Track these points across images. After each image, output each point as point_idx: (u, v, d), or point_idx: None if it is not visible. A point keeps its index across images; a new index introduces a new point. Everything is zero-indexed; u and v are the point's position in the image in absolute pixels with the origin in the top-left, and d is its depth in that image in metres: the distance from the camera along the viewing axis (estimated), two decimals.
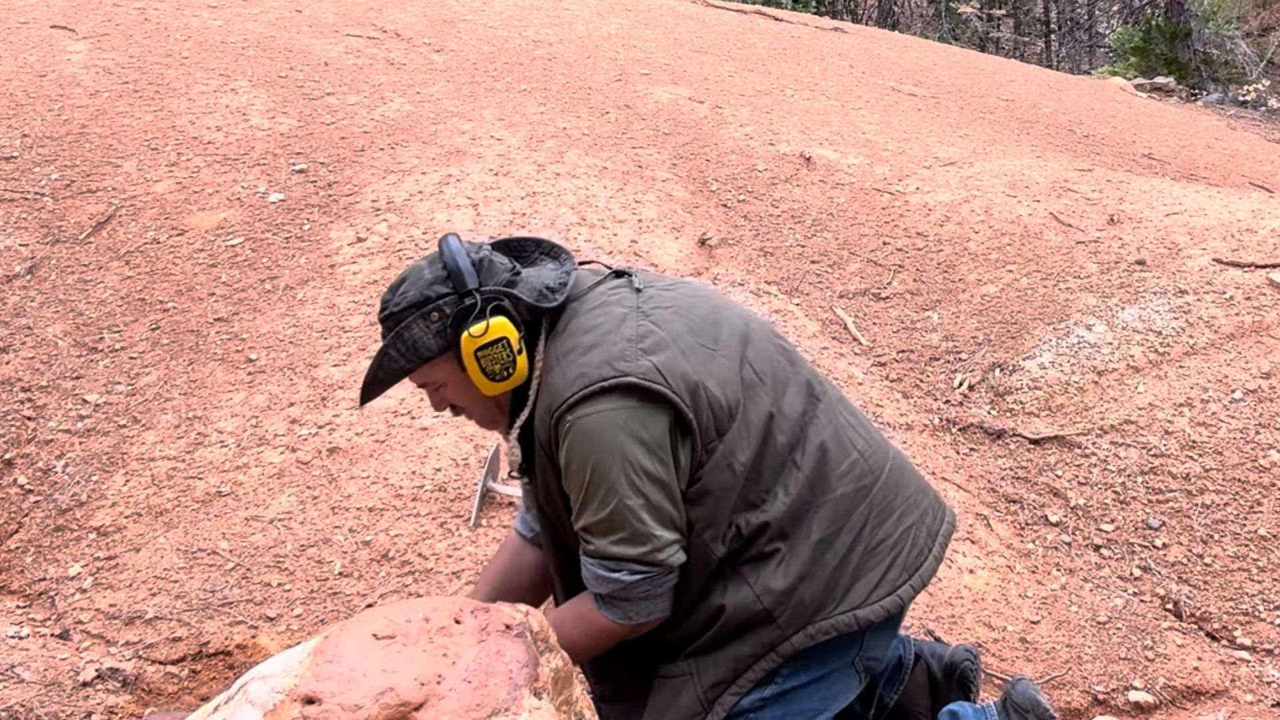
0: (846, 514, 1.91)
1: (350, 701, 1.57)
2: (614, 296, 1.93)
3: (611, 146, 4.79)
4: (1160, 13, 11.82)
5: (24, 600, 2.84)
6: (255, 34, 5.53)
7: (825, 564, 1.88)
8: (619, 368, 1.80)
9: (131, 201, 4.08)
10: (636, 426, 1.79)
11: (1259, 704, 2.79)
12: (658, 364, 1.82)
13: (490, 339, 1.84)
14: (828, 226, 4.45)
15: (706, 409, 1.83)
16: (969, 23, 14.93)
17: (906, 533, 1.96)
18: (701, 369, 1.85)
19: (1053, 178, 4.74)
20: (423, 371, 1.94)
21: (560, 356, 1.87)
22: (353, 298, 3.70)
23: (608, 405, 1.79)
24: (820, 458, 1.92)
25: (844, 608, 1.88)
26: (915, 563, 1.95)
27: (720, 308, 2.00)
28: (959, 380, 3.71)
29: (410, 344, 1.89)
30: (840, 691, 1.98)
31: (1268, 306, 3.69)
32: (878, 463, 1.98)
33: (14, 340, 3.47)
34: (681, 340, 1.87)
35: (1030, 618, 2.93)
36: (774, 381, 1.93)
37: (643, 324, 1.87)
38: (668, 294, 1.97)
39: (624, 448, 1.79)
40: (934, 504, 2.05)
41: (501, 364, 1.86)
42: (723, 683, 1.90)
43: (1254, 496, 3.19)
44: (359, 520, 2.93)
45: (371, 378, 1.93)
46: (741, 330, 1.96)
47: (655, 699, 1.95)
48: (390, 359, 1.91)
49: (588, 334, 1.87)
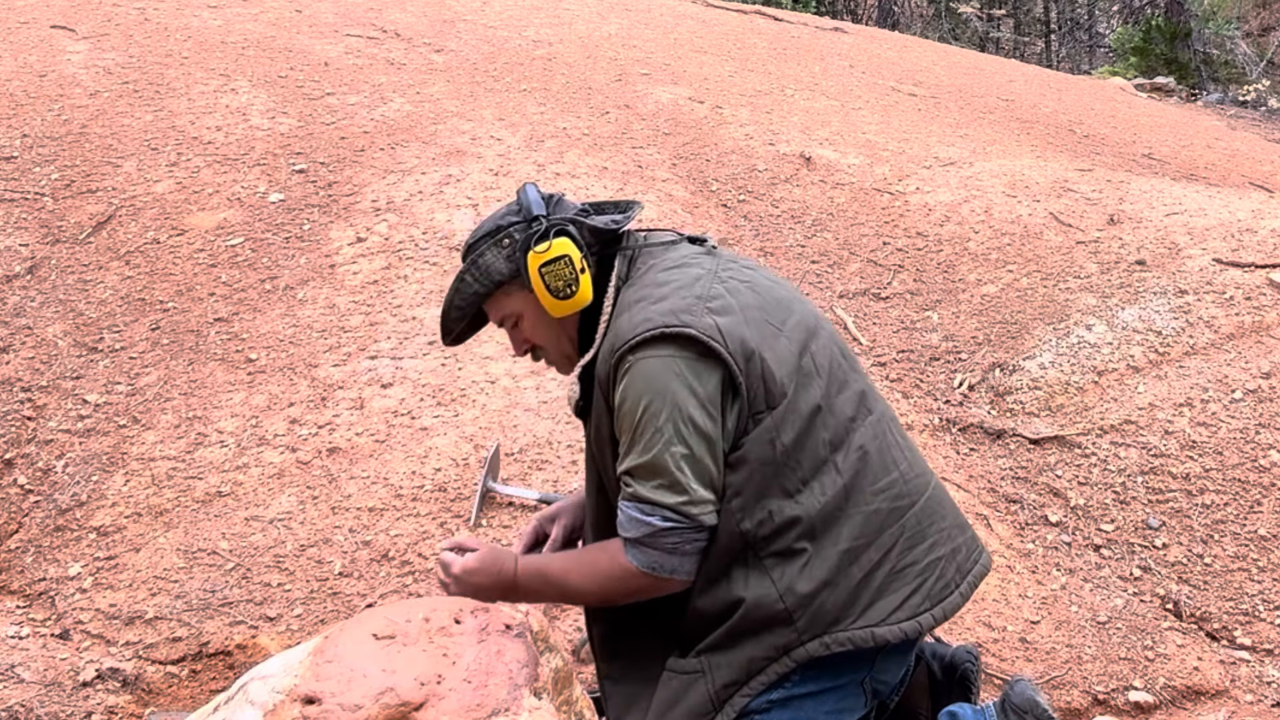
0: (878, 530, 1.91)
1: (350, 701, 1.57)
2: (693, 259, 2.01)
3: (611, 146, 4.79)
4: (1160, 13, 11.82)
5: (24, 600, 2.84)
6: (255, 34, 5.53)
7: (850, 575, 1.88)
8: (683, 319, 1.86)
9: (131, 201, 4.08)
10: (691, 378, 1.85)
11: (1259, 704, 2.79)
12: (720, 324, 1.87)
13: (553, 255, 1.94)
14: (828, 226, 4.45)
15: (759, 379, 1.87)
16: (969, 23, 14.93)
17: (935, 563, 1.95)
18: (762, 341, 1.89)
19: (1053, 178, 4.74)
20: (498, 302, 2.04)
21: (631, 303, 1.94)
22: (353, 298, 3.70)
23: (666, 352, 1.85)
24: (860, 467, 1.92)
25: (862, 623, 1.88)
26: (940, 594, 1.94)
27: (795, 299, 2.03)
28: (959, 380, 3.71)
29: (484, 269, 2.00)
30: (846, 709, 1.98)
31: (1268, 306, 3.69)
32: (917, 488, 1.98)
33: (14, 340, 3.47)
34: (749, 311, 1.92)
35: (1030, 618, 2.93)
36: (830, 378, 1.95)
37: (715, 287, 1.93)
38: (747, 270, 2.03)
39: (676, 395, 1.84)
40: (970, 543, 2.03)
41: (564, 280, 1.95)
42: (735, 683, 1.90)
43: (1254, 496, 3.19)
44: (359, 520, 2.93)
45: (449, 304, 2.04)
46: (811, 323, 1.99)
47: (664, 692, 1.94)
48: (466, 284, 2.01)
49: (661, 287, 1.94)
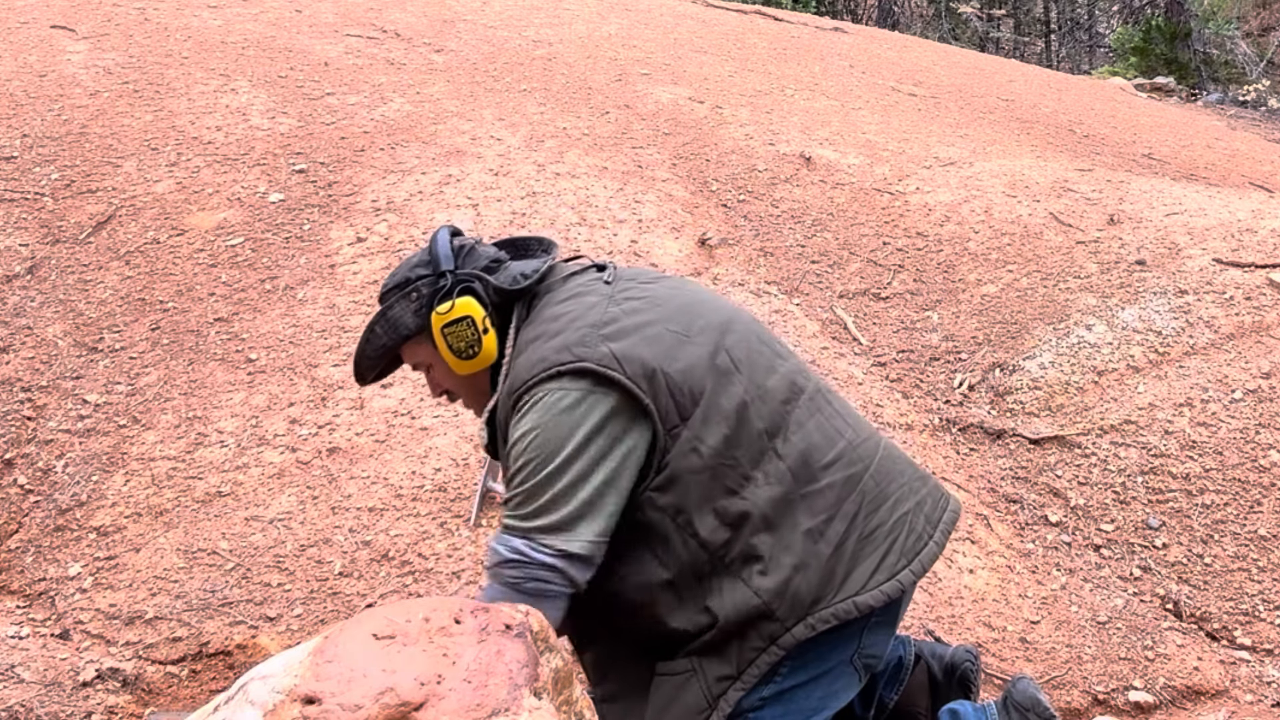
0: (836, 503, 1.90)
1: (350, 701, 1.57)
2: (588, 287, 1.99)
3: (611, 146, 4.79)
4: (1160, 13, 11.82)
5: (24, 600, 2.84)
6: (255, 34, 5.53)
7: (819, 553, 1.87)
8: (576, 353, 1.86)
9: (131, 201, 4.08)
10: (585, 409, 1.83)
11: (1259, 704, 2.79)
12: (615, 350, 1.86)
13: (455, 316, 1.95)
14: (828, 226, 4.45)
15: (666, 394, 1.86)
16: (969, 23, 14.93)
17: (903, 519, 1.94)
18: (663, 356, 1.88)
19: (1053, 178, 4.74)
20: (409, 350, 2.06)
21: (528, 343, 1.94)
22: (353, 298, 3.70)
23: (560, 386, 1.84)
24: (804, 446, 1.92)
25: (843, 595, 1.86)
26: (914, 548, 1.93)
27: (701, 301, 2.02)
28: (959, 380, 3.71)
29: (392, 322, 2.02)
30: (840, 690, 1.97)
31: (1268, 306, 3.69)
32: (867, 451, 1.98)
33: (14, 340, 3.47)
34: (647, 329, 1.91)
35: (1030, 618, 2.93)
36: (752, 370, 1.94)
37: (610, 311, 1.92)
38: (646, 286, 2.01)
39: (559, 431, 1.83)
40: (934, 492, 2.03)
41: (466, 341, 1.96)
42: (728, 677, 1.89)
43: (1254, 496, 3.19)
44: (359, 520, 2.93)
45: (360, 354, 2.06)
46: (720, 321, 1.98)
47: (657, 696, 1.94)
48: (376, 335, 2.04)
49: (555, 321, 1.93)
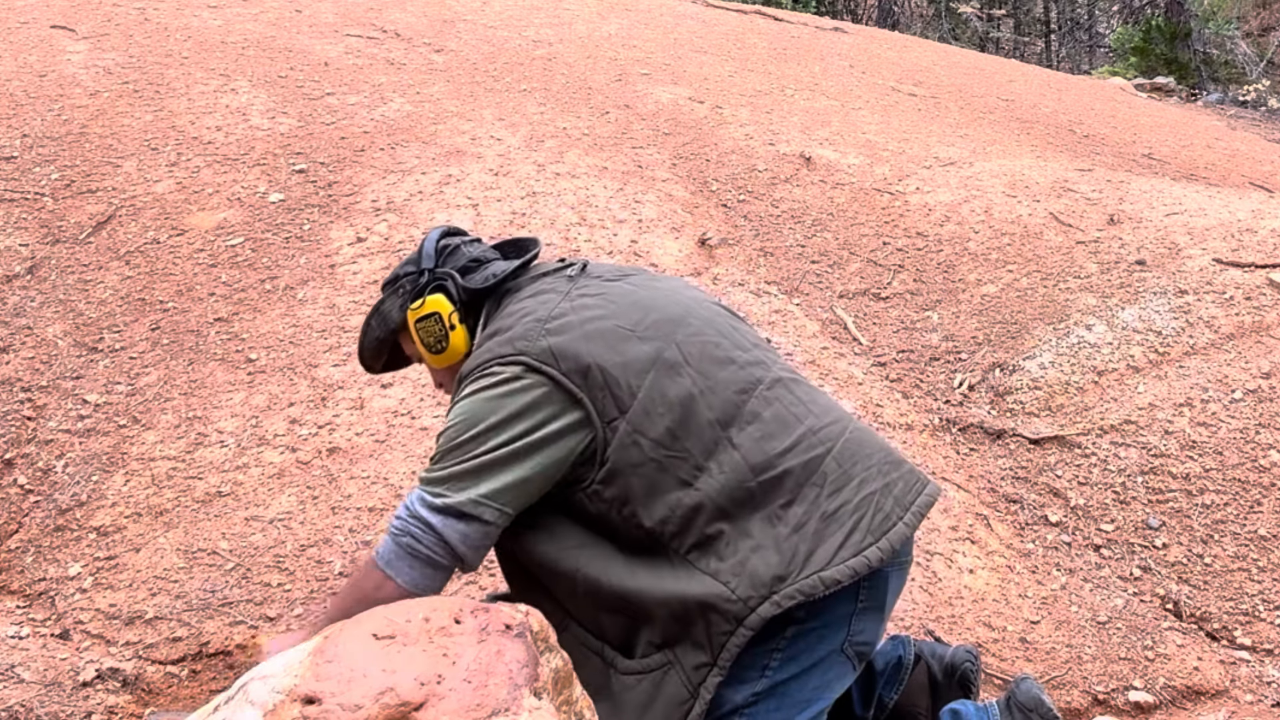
0: (795, 488, 1.89)
1: (350, 701, 1.57)
2: (550, 285, 2.06)
3: (611, 146, 4.79)
4: (1160, 13, 11.82)
5: (24, 600, 2.84)
6: (255, 34, 5.53)
7: (777, 534, 1.86)
8: (517, 346, 1.93)
9: (131, 201, 4.08)
10: (510, 391, 1.90)
11: (1259, 704, 2.79)
12: (553, 345, 1.92)
13: (425, 312, 2.08)
14: (828, 226, 4.45)
15: (601, 388, 1.90)
16: (969, 23, 14.93)
17: (869, 498, 1.92)
18: (603, 350, 1.92)
19: (1053, 178, 4.74)
20: (405, 342, 2.19)
21: (486, 338, 2.02)
22: (353, 298, 3.70)
23: (494, 372, 1.92)
24: (758, 434, 1.91)
25: (808, 571, 1.84)
26: (881, 527, 1.90)
27: (660, 296, 2.05)
28: (959, 380, 3.71)
29: (382, 315, 2.16)
30: (833, 680, 1.95)
31: (1268, 306, 3.69)
32: (829, 435, 1.96)
33: (14, 340, 3.47)
34: (591, 324, 1.95)
35: (1030, 618, 2.92)
36: (702, 362, 1.95)
37: (561, 306, 1.98)
38: (608, 284, 2.05)
39: (488, 403, 1.90)
40: (907, 476, 1.99)
41: (435, 336, 2.07)
42: (705, 664, 1.87)
43: (1254, 496, 3.19)
44: (359, 520, 2.93)
45: (361, 344, 2.20)
46: (675, 316, 2.00)
47: (632, 695, 1.91)
48: (371, 328, 2.18)
49: (510, 317, 2.01)
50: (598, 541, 1.94)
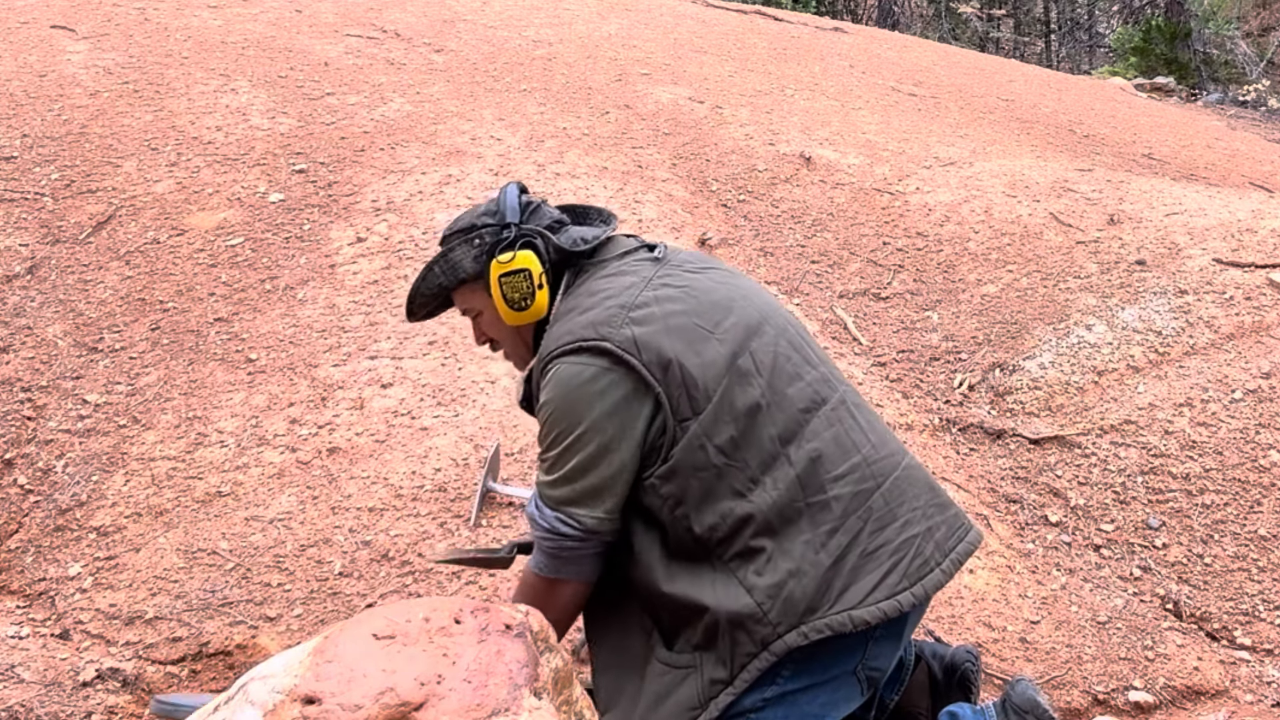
0: (842, 517, 1.90)
1: (350, 701, 1.57)
2: (633, 267, 2.04)
3: (611, 146, 4.79)
4: (1160, 13, 11.82)
5: (24, 600, 2.84)
6: (255, 34, 5.53)
7: (818, 563, 1.87)
8: (601, 331, 1.92)
9: (131, 201, 4.08)
10: (602, 386, 1.90)
11: (1259, 704, 2.79)
12: (637, 335, 1.91)
13: (514, 267, 2.01)
14: (828, 226, 4.45)
15: (680, 386, 1.90)
16: (969, 23, 14.93)
17: (911, 541, 1.92)
18: (684, 348, 1.92)
19: (1053, 178, 4.74)
20: (462, 295, 2.12)
21: (563, 314, 2.00)
22: (353, 298, 3.70)
23: (580, 361, 1.91)
24: (815, 456, 1.91)
25: (839, 607, 1.85)
26: (919, 572, 1.90)
27: (738, 298, 2.03)
28: (959, 380, 3.71)
29: (452, 264, 2.07)
30: (841, 700, 1.97)
31: (1268, 306, 3.69)
32: (883, 469, 1.96)
33: (14, 340, 3.47)
34: (674, 318, 1.94)
35: (1030, 618, 2.92)
36: (774, 374, 1.95)
37: (644, 294, 1.97)
38: (690, 275, 2.04)
39: (577, 405, 1.90)
40: (951, 521, 1.99)
41: (521, 294, 2.02)
42: (722, 681, 1.89)
43: (1254, 496, 3.19)
44: (359, 520, 2.92)
45: (415, 290, 2.11)
46: (752, 321, 2.00)
47: (656, 684, 1.94)
48: (433, 275, 2.09)
49: (593, 296, 1.98)
50: (649, 531, 1.97)
